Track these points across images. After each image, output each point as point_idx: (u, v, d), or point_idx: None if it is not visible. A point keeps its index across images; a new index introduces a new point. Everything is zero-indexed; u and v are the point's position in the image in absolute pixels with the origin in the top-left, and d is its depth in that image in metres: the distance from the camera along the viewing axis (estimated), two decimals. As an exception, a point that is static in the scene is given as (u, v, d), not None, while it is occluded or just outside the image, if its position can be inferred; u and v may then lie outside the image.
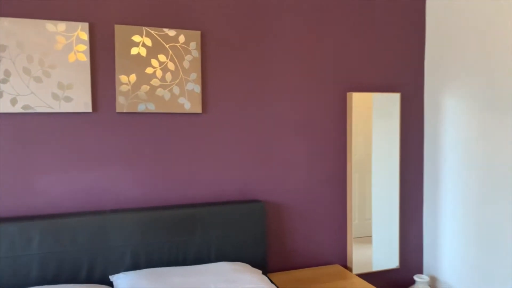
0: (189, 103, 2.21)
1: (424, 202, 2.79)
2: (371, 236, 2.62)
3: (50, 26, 1.96)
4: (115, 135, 2.11)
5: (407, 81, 2.72)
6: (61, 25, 1.98)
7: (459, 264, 2.54)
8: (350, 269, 2.58)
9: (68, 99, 2.00)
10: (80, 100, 2.02)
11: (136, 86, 2.11)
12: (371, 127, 2.59)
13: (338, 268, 2.51)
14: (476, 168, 2.40)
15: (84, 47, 2.02)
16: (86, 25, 2.01)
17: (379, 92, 2.60)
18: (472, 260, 2.44)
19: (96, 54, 2.06)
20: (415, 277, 2.61)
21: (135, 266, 2.05)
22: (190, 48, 2.20)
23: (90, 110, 2.04)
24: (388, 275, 2.70)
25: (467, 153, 2.46)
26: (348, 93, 2.55)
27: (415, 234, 2.78)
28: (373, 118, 2.59)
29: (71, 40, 1.99)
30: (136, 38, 2.10)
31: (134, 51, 2.10)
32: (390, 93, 2.62)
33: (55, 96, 1.98)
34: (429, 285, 2.69)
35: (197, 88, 2.22)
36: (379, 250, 2.65)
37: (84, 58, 2.02)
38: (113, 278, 1.95)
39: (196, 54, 2.21)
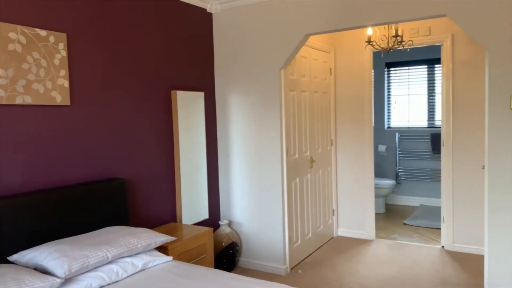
0: (60, 96, 2.51)
1: (219, 171, 3.93)
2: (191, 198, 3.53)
3: None
4: (-6, 126, 2.20)
5: (207, 84, 3.77)
6: None
7: (244, 209, 3.81)
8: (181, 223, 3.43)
9: None
10: (-40, 92, 2.04)
11: (13, 79, 2.27)
12: (190, 117, 3.50)
13: (174, 224, 3.32)
14: (252, 145, 3.71)
15: (-38, 40, 2.04)
16: (-38, 17, 2.04)
17: (191, 91, 3.53)
18: (252, 205, 3.75)
19: (-27, 47, 2.11)
20: (220, 222, 3.73)
21: (29, 246, 2.25)
22: (59, 48, 2.50)
23: (-30, 101, 2.08)
24: (204, 224, 3.70)
25: (246, 133, 3.74)
26: (172, 91, 3.36)
27: (215, 194, 3.89)
28: (189, 110, 3.50)
29: None
30: (12, 35, 2.26)
31: (10, 47, 2.25)
32: (198, 92, 3.60)
33: None
34: (228, 226, 3.86)
35: (66, 83, 2.54)
36: (196, 208, 3.60)
37: (-38, 50, 2.05)
38: (14, 257, 2.12)
39: (64, 53, 2.53)
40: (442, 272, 3.60)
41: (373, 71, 4.80)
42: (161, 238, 2.50)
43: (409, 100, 6.32)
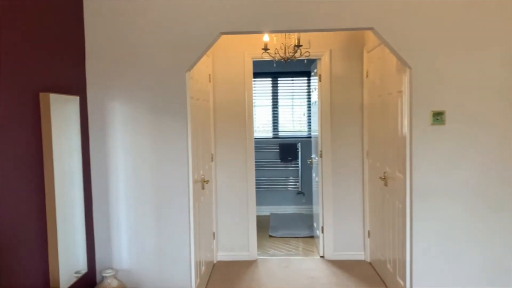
0: None
1: (94, 204, 2.88)
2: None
3: None
4: None
5: (80, 85, 2.71)
6: None
7: (134, 253, 2.90)
8: (58, 290, 2.31)
9: None
10: None
11: None
12: (64, 132, 2.41)
13: (52, 292, 2.20)
14: (145, 166, 2.86)
15: None
16: None
17: (65, 94, 2.46)
18: (146, 246, 2.90)
19: None
20: (104, 274, 2.74)
21: None
22: None
23: None
24: (83, 281, 2.62)
25: (136, 152, 2.86)
26: (41, 94, 2.23)
27: (90, 239, 2.83)
28: (62, 122, 2.42)
29: None
30: None
31: None
32: (72, 96, 2.54)
33: None
34: (115, 277, 2.86)
35: None
36: (71, 261, 2.51)
37: None
38: None
39: None
40: (343, 285, 3.62)
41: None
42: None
43: (256, 111, 6.35)
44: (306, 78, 6.25)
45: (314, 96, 4.54)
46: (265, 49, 3.53)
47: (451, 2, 2.74)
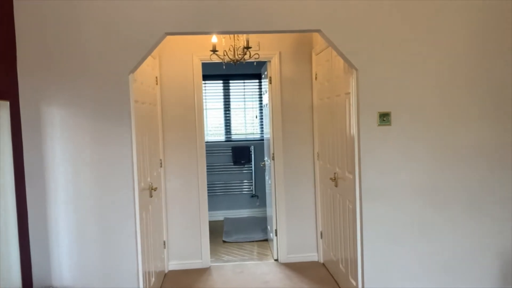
0: None
1: (30, 217, 2.67)
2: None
3: None
4: None
5: (11, 88, 2.49)
6: None
7: (76, 267, 2.72)
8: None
9: None
10: None
11: None
12: (-9, 139, 2.20)
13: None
14: (86, 175, 2.69)
15: None
16: None
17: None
18: (90, 260, 2.72)
19: None
20: (43, 293, 2.54)
21: None
22: None
23: None
24: (18, 303, 2.41)
25: (77, 160, 2.68)
26: (-38, 98, 2.03)
27: (26, 255, 2.61)
28: (-11, 128, 2.20)
29: None
30: None
31: None
32: (1, 101, 2.33)
33: None
34: (54, 295, 2.66)
35: None
36: (2, 279, 2.30)
37: None
38: None
39: None
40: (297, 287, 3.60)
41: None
42: None
43: (207, 114, 6.25)
44: (257, 81, 6.23)
45: (266, 99, 4.52)
46: (214, 50, 3.45)
47: (394, 4, 2.79)
